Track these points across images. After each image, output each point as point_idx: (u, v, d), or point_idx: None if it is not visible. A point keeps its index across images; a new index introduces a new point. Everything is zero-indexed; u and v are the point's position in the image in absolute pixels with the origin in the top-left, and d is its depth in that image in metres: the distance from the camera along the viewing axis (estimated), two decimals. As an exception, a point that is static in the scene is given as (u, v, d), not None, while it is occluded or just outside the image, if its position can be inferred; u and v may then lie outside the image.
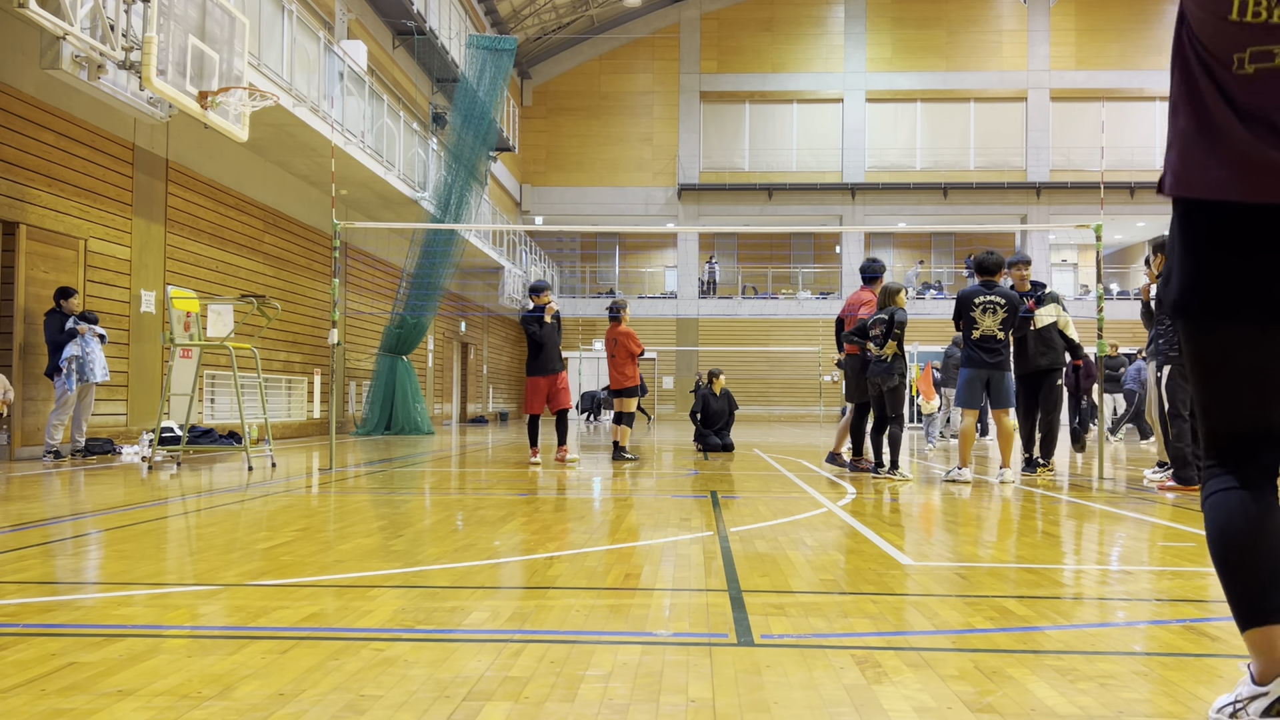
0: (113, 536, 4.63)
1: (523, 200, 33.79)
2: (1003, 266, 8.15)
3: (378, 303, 19.97)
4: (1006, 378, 8.02)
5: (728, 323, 32.71)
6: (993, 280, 8.07)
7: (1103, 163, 11.73)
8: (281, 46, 12.84)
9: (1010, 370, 8.08)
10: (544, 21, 31.38)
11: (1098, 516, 5.81)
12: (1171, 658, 2.57)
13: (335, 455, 9.47)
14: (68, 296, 9.80)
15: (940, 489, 7.54)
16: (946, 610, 3.14)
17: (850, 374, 9.14)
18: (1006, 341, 8.04)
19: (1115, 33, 32.98)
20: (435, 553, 4.21)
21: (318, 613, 3.02)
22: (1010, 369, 8.09)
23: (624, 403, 10.99)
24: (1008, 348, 8.07)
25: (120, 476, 8.13)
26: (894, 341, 8.30)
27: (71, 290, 9.88)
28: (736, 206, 33.15)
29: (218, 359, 13.29)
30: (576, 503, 6.45)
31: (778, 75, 33.56)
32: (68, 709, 2.08)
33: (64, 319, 9.71)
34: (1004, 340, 8.00)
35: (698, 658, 2.53)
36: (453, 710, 2.10)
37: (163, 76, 8.83)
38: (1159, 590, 3.54)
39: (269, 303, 9.05)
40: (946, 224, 32.45)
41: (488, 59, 19.13)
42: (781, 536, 4.76)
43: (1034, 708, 2.14)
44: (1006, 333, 8.00)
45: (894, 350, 8.36)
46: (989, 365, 7.96)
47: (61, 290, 9.85)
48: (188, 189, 12.98)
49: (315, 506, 6.13)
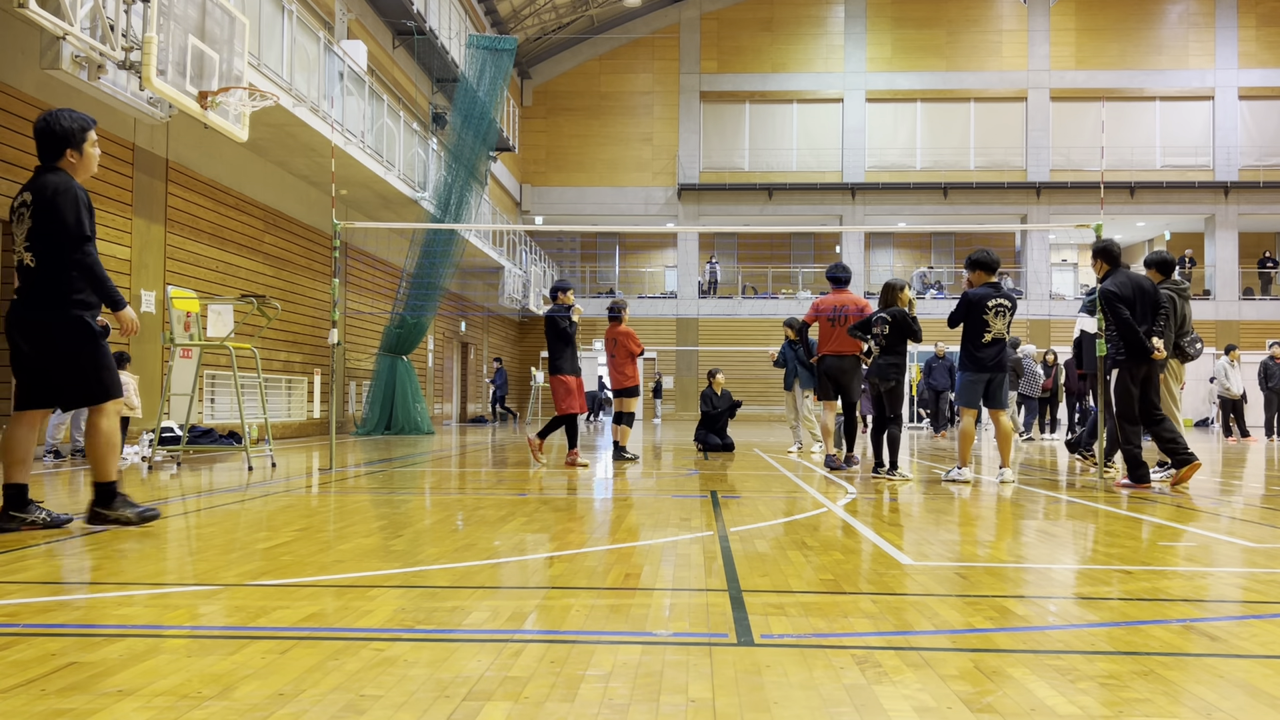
0: (113, 536, 4.62)
1: (523, 200, 33.78)
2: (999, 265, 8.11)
3: (378, 303, 19.97)
4: (1004, 379, 7.96)
5: (728, 323, 32.71)
6: (993, 280, 7.98)
7: (1103, 163, 11.75)
8: (281, 46, 12.84)
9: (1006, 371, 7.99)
10: (544, 21, 31.38)
11: (1097, 516, 5.81)
12: (1171, 658, 2.57)
13: (335, 455, 9.47)
14: None
15: (940, 489, 7.53)
16: (946, 610, 3.14)
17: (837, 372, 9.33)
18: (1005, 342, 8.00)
19: (1115, 33, 32.98)
20: (435, 553, 4.21)
21: (318, 613, 3.02)
22: (1007, 369, 8.00)
23: (624, 402, 11.01)
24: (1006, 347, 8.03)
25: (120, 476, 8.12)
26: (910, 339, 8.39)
27: None
28: (736, 206, 33.15)
29: (218, 359, 13.29)
30: (577, 503, 6.45)
31: (778, 75, 33.55)
32: (68, 709, 2.08)
33: None
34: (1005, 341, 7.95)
35: (698, 658, 2.53)
36: (453, 710, 2.10)
37: (163, 76, 8.83)
38: (1159, 590, 3.54)
39: (269, 303, 9.05)
40: (946, 224, 32.41)
41: (488, 59, 19.13)
42: (781, 536, 4.76)
43: (1034, 708, 2.14)
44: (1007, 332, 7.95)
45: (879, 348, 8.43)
46: (992, 368, 7.87)
47: None
48: (188, 189, 12.98)
49: (315, 506, 6.13)
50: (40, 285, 4.66)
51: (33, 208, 4.66)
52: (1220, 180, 32.32)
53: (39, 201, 4.65)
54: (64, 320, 4.66)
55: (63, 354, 4.70)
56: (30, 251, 4.66)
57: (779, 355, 12.72)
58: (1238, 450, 14.54)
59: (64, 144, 4.81)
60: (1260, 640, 2.77)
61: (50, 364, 4.72)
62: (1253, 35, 32.73)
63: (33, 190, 4.70)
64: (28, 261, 4.67)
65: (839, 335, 9.18)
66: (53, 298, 4.66)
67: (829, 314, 9.32)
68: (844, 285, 9.56)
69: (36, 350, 4.70)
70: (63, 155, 4.82)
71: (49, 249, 4.64)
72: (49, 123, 4.79)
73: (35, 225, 4.65)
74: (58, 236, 4.62)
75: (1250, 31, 32.74)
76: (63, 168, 4.81)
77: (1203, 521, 5.56)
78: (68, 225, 4.61)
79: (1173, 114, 32.99)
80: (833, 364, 9.27)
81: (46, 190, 4.65)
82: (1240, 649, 2.67)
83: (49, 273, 4.65)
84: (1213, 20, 32.81)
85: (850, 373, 9.25)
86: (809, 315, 9.79)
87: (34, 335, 4.69)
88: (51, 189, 4.65)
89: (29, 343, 4.70)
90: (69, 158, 4.83)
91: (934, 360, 19.55)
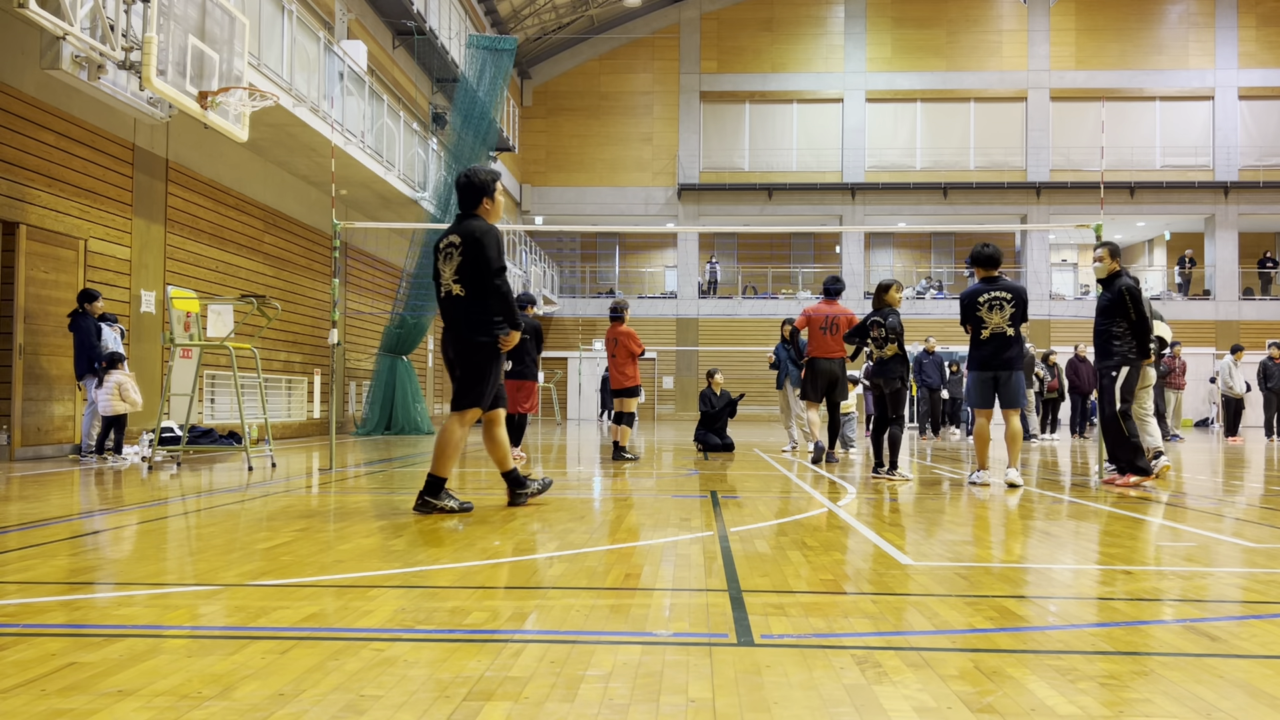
0: (113, 536, 4.63)
1: (523, 200, 33.78)
2: (1001, 259, 7.89)
3: (378, 303, 19.97)
4: (1015, 377, 7.64)
5: (728, 323, 32.70)
6: (993, 275, 7.78)
7: (1103, 163, 11.76)
8: (281, 46, 12.84)
9: (1020, 369, 7.70)
10: (544, 21, 31.38)
11: (1098, 516, 5.81)
12: (1171, 658, 2.57)
13: (335, 455, 9.47)
14: (92, 300, 10.00)
15: (940, 489, 7.53)
16: (946, 610, 3.14)
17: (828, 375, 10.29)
18: (1019, 338, 7.64)
19: (1115, 33, 32.97)
20: (435, 553, 4.21)
21: (318, 613, 3.02)
22: (1020, 368, 7.70)
23: (624, 402, 11.02)
24: (1020, 344, 7.67)
25: (121, 476, 8.13)
26: (893, 344, 8.34)
27: (95, 293, 10.08)
28: (736, 206, 33.15)
29: (218, 359, 13.29)
30: (576, 503, 6.45)
31: (778, 75, 33.55)
32: (68, 709, 2.08)
33: (92, 322, 9.90)
34: (1015, 337, 7.60)
35: (698, 658, 2.53)
36: (453, 710, 2.10)
37: (163, 76, 8.83)
38: (1159, 590, 3.54)
39: (269, 303, 9.05)
40: (946, 224, 32.47)
41: (488, 59, 19.12)
42: (781, 536, 4.76)
43: (1034, 708, 2.14)
44: (1017, 328, 7.61)
45: (894, 351, 8.38)
46: (997, 365, 7.61)
47: (86, 293, 10.05)
48: (188, 189, 12.98)
49: (315, 507, 6.13)
50: (469, 311, 5.53)
51: (461, 248, 5.50)
52: (1220, 180, 32.31)
53: (468, 242, 5.48)
54: (483, 340, 5.53)
55: (472, 365, 5.56)
56: (459, 283, 5.53)
57: (774, 356, 12.91)
58: (1237, 450, 14.55)
59: (481, 194, 5.66)
60: (1260, 640, 2.77)
61: (461, 372, 5.59)
62: (1253, 35, 32.72)
63: (460, 234, 5.53)
64: (456, 291, 5.54)
65: (829, 341, 10.17)
66: (478, 321, 5.52)
67: (821, 322, 10.31)
68: (835, 297, 10.47)
69: (459, 361, 5.59)
70: (480, 203, 5.66)
71: (475, 281, 5.50)
72: (470, 177, 5.68)
73: (464, 261, 5.49)
74: (482, 270, 5.46)
75: (1250, 31, 32.73)
76: (479, 214, 5.66)
77: (1203, 521, 5.56)
78: (490, 261, 5.45)
79: (1173, 114, 32.99)
80: (823, 366, 10.23)
81: (475, 233, 5.48)
82: (1240, 649, 2.67)
83: (475, 300, 5.52)
84: (1213, 20, 32.81)
85: (839, 374, 10.23)
86: (800, 321, 10.77)
87: (460, 349, 5.57)
88: (479, 232, 5.48)
89: (454, 351, 5.61)
90: (484, 205, 5.67)
91: (924, 356, 18.74)
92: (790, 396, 12.78)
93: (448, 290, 5.58)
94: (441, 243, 5.64)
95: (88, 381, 9.96)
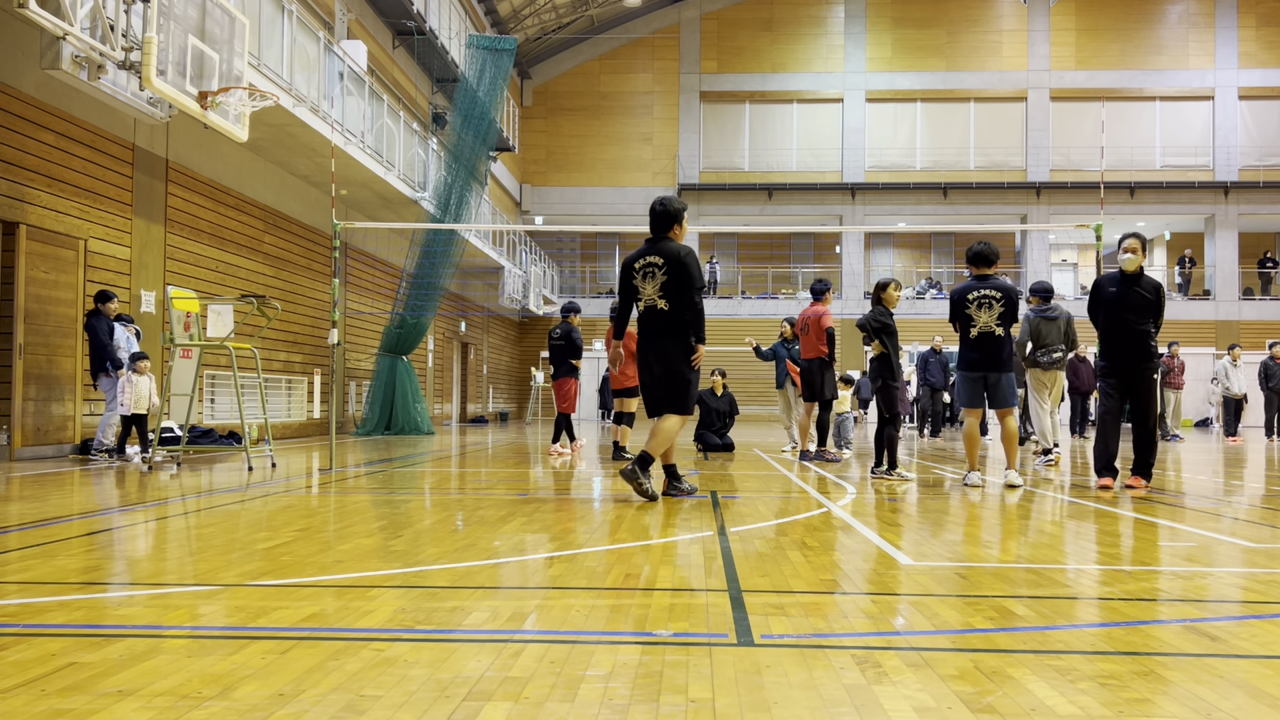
0: (113, 537, 4.63)
1: (523, 200, 33.79)
2: (996, 258, 7.77)
3: (378, 303, 19.97)
4: (1006, 378, 7.58)
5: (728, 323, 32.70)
6: (987, 273, 7.68)
7: (1103, 163, 11.79)
8: (281, 47, 12.84)
9: (1011, 370, 7.65)
10: (544, 21, 31.38)
11: (1097, 516, 5.81)
12: (1171, 658, 2.57)
13: (335, 455, 9.47)
14: (107, 300, 10.08)
15: (940, 490, 7.53)
16: (946, 610, 3.14)
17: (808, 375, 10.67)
18: (1008, 338, 7.60)
19: (1115, 33, 32.97)
20: (435, 553, 4.21)
21: (318, 613, 3.02)
22: (1010, 369, 7.65)
23: (624, 403, 11.03)
24: (1009, 344, 7.63)
25: (121, 476, 8.13)
26: (878, 342, 8.35)
27: (111, 294, 10.16)
28: (736, 206, 33.15)
29: (218, 359, 13.29)
30: (576, 503, 6.45)
31: (778, 75, 33.55)
32: (68, 709, 2.08)
33: (106, 322, 9.97)
34: (1004, 337, 7.56)
35: (698, 658, 2.53)
36: (453, 710, 2.10)
37: (163, 77, 8.83)
38: (1159, 590, 3.54)
39: (269, 303, 9.05)
40: (946, 224, 32.49)
41: (488, 59, 19.13)
42: (781, 536, 4.76)
43: (1034, 708, 2.14)
44: (1006, 328, 7.56)
45: (879, 350, 8.40)
46: (986, 366, 7.56)
47: (102, 294, 10.14)
48: (188, 189, 12.98)
49: (315, 506, 6.13)
50: (672, 322, 6.29)
51: (665, 268, 6.29)
52: (1220, 180, 32.32)
53: (671, 263, 6.28)
54: (685, 349, 6.29)
55: (675, 373, 6.30)
56: (664, 299, 6.30)
57: (769, 351, 12.94)
58: (1237, 450, 14.55)
59: (674, 220, 6.50)
60: (1260, 640, 2.77)
61: (666, 379, 6.33)
62: (1253, 35, 32.73)
63: (663, 255, 6.33)
64: (660, 305, 6.32)
65: (806, 342, 10.59)
66: (679, 332, 6.28)
67: (800, 324, 10.81)
68: (818, 298, 10.77)
69: (663, 369, 6.32)
70: (672, 228, 6.49)
71: (678, 296, 6.27)
72: (665, 205, 6.52)
73: (669, 280, 6.28)
74: (685, 287, 6.26)
75: (1250, 31, 32.74)
76: (671, 237, 6.48)
77: (1203, 522, 5.56)
78: (694, 279, 6.26)
79: (1173, 114, 32.99)
80: (804, 367, 10.68)
81: (678, 254, 6.30)
82: (1240, 649, 2.67)
83: (678, 313, 6.29)
84: (1213, 20, 32.81)
85: (816, 374, 10.50)
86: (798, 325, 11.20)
87: (664, 358, 6.30)
88: (682, 253, 6.30)
89: (660, 364, 6.32)
90: (675, 230, 6.51)
91: (930, 355, 18.34)
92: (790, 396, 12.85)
93: (650, 304, 6.34)
94: (638, 263, 6.41)
95: (103, 381, 9.99)
